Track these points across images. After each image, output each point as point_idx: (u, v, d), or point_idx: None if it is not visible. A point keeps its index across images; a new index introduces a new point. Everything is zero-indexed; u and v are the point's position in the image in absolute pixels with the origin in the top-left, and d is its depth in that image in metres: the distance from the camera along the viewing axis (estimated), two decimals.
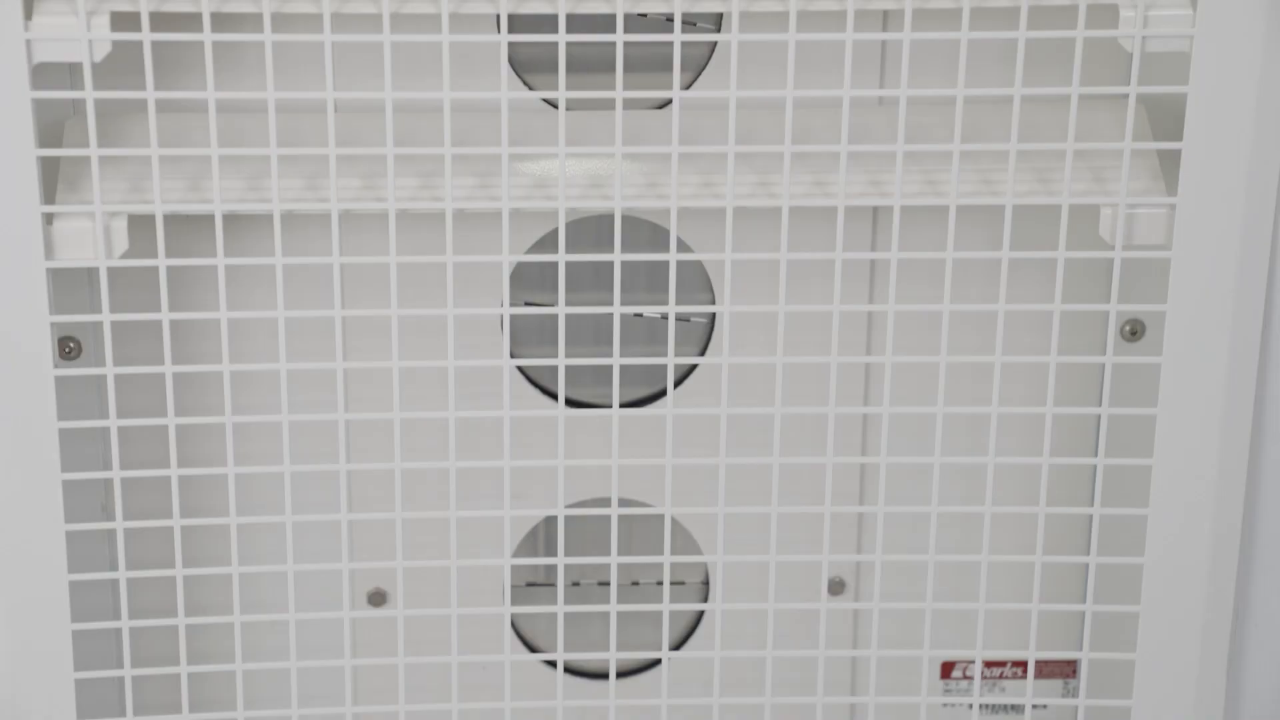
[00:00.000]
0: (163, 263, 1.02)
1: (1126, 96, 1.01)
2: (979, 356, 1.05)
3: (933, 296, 1.05)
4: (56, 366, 1.03)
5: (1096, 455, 1.07)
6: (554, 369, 1.05)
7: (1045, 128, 1.03)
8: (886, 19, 1.07)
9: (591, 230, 1.11)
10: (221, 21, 0.99)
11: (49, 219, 1.01)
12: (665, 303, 1.05)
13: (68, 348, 1.08)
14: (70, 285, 1.05)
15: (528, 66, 1.10)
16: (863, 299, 1.11)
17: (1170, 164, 1.03)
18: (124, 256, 1.02)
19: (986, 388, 1.06)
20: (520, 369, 1.14)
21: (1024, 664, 1.17)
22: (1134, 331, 1.10)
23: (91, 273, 1.05)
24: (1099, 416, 1.06)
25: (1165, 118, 1.05)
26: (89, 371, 1.04)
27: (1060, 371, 1.06)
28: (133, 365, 1.03)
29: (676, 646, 1.18)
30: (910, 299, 1.05)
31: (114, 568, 1.06)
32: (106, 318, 1.02)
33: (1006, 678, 1.18)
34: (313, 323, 1.04)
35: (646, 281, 1.11)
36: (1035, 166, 1.04)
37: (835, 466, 1.07)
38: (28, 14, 0.98)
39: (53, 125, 1.03)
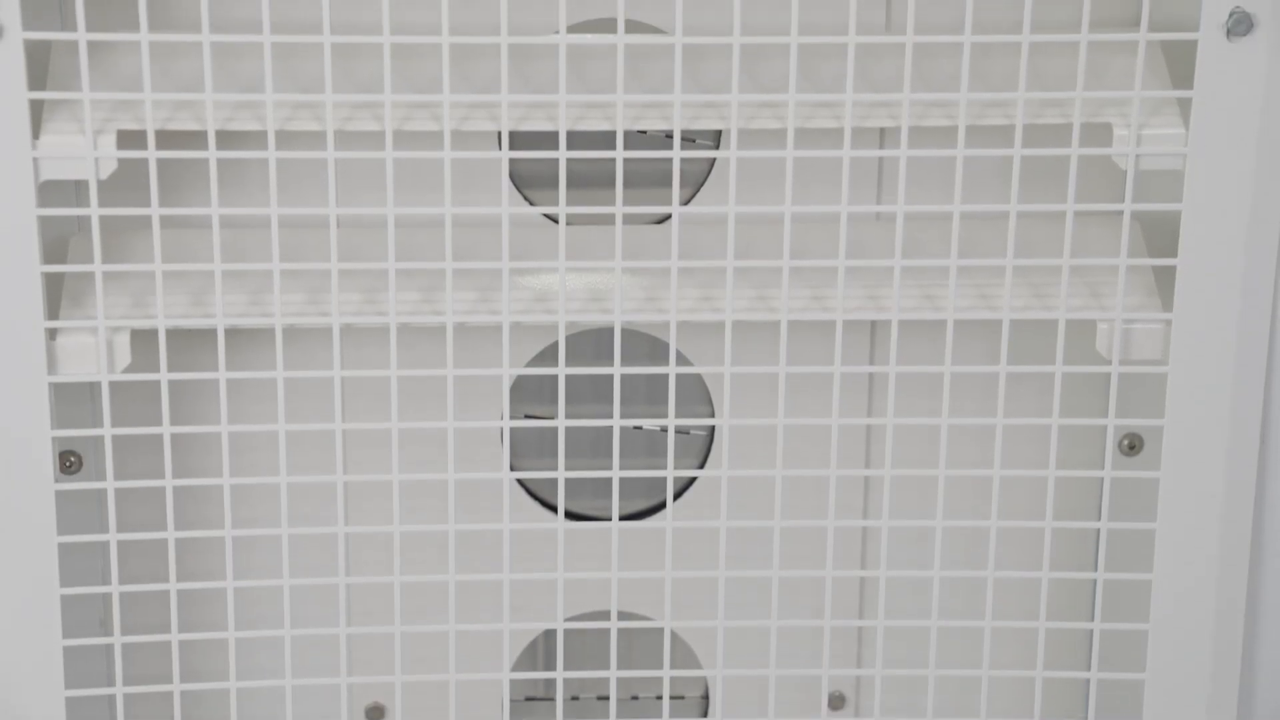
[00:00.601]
0: (164, 377, 1.03)
1: (1121, 213, 1.03)
2: (978, 471, 1.06)
3: (931, 409, 1.06)
4: (57, 481, 1.04)
5: (1096, 570, 1.08)
6: (554, 481, 1.06)
7: (1041, 242, 1.05)
8: (883, 136, 1.09)
9: (591, 343, 1.13)
10: (226, 139, 1.01)
11: (52, 334, 1.02)
12: (665, 415, 1.06)
13: (68, 462, 1.09)
14: (72, 398, 1.07)
15: (529, 182, 1.12)
16: (861, 412, 1.13)
17: (1166, 279, 1.05)
18: (126, 370, 1.03)
19: (986, 500, 1.06)
20: (520, 481, 1.14)
21: None
22: (1132, 446, 1.11)
23: (93, 386, 1.06)
24: (1099, 531, 1.07)
25: (1160, 233, 1.07)
26: (90, 486, 1.05)
27: (1059, 482, 1.06)
28: (133, 478, 1.04)
29: None
30: (909, 412, 1.06)
31: (112, 682, 1.06)
32: (108, 431, 1.03)
33: None
34: (314, 435, 1.05)
35: (646, 394, 1.12)
36: (1032, 281, 1.05)
37: (835, 579, 1.07)
38: (35, 133, 1.00)
39: (57, 241, 1.05)
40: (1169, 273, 1.04)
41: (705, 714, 1.19)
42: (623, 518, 1.09)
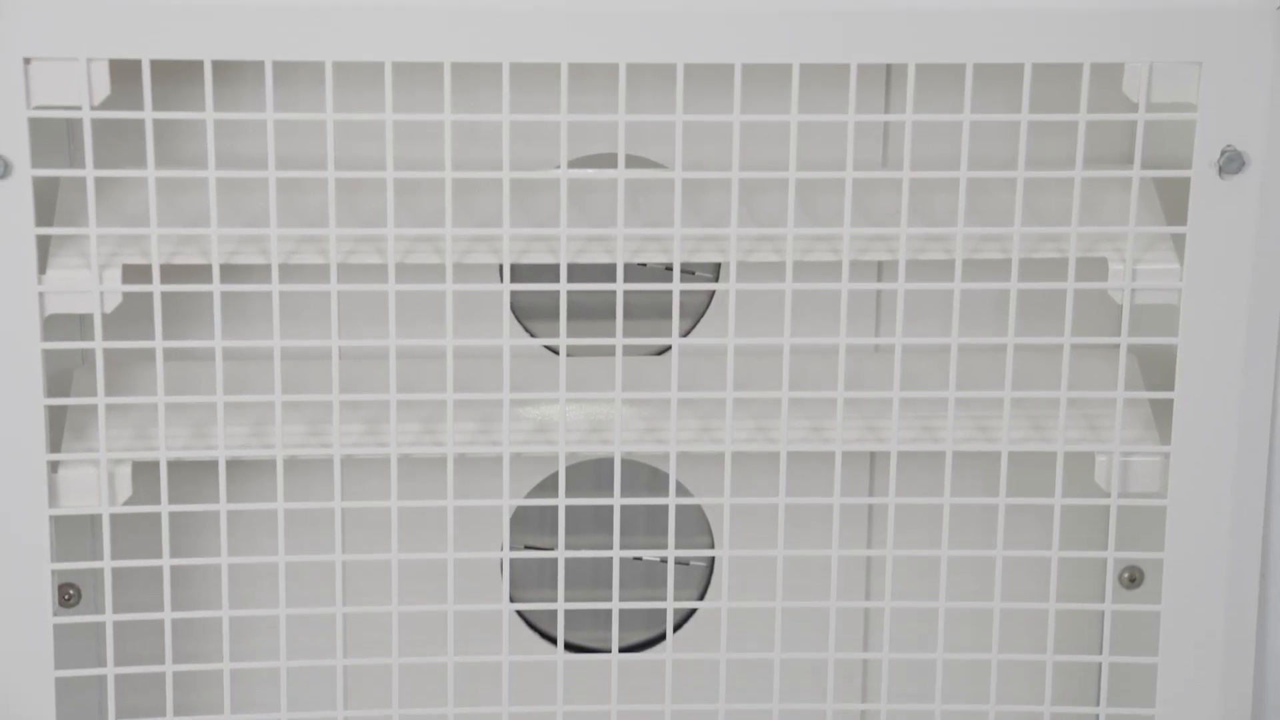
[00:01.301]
0: (165, 509, 1.04)
1: (1118, 346, 1.04)
2: (978, 603, 1.07)
3: (931, 540, 1.07)
4: (55, 614, 1.04)
5: (1099, 703, 1.08)
6: (553, 612, 1.07)
7: (1039, 375, 1.06)
8: (881, 269, 1.10)
9: (591, 472, 1.14)
10: (230, 272, 1.03)
11: (54, 466, 1.04)
12: (665, 546, 1.07)
13: (67, 594, 1.09)
14: (71, 529, 1.08)
15: (530, 313, 1.13)
16: (861, 542, 1.14)
17: (1163, 412, 1.06)
18: (127, 502, 1.04)
19: (987, 631, 1.07)
20: (520, 613, 1.15)
21: None
22: (1132, 578, 1.12)
23: (93, 517, 1.07)
24: (1099, 664, 1.08)
25: (1157, 366, 1.08)
26: (88, 619, 1.05)
27: (1060, 614, 1.07)
28: (132, 606, 1.05)
29: None
30: (908, 542, 1.07)
31: None
32: (107, 564, 1.04)
33: None
34: (313, 566, 1.06)
35: (646, 525, 1.13)
36: (1030, 413, 1.07)
37: (835, 713, 1.08)
38: (41, 267, 1.01)
39: (61, 374, 1.06)
40: (1166, 406, 1.06)
41: None
42: (623, 649, 1.10)
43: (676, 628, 1.15)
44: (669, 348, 1.08)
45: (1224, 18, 1.00)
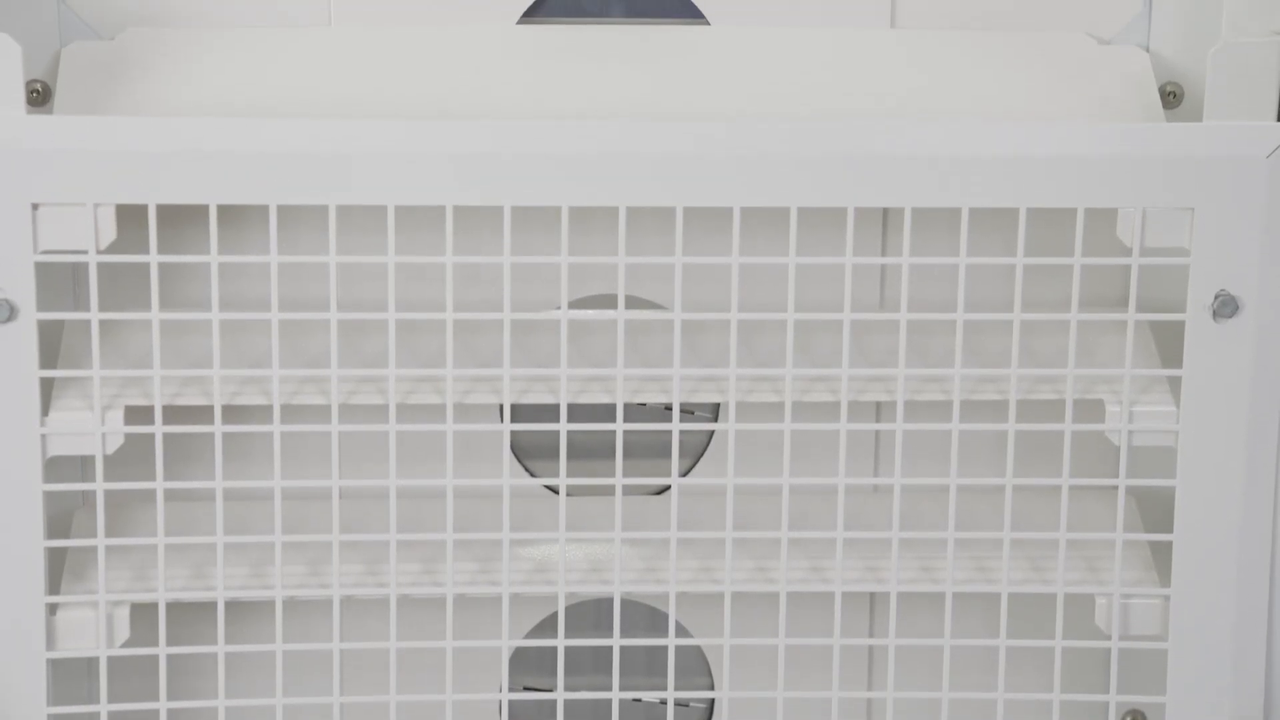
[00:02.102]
0: (163, 651, 1.05)
1: (1116, 487, 1.05)
2: None
3: (932, 682, 1.07)
4: None
5: None
6: None
7: (1038, 516, 1.07)
8: (879, 410, 1.12)
9: (591, 613, 1.14)
10: (231, 413, 1.04)
11: (52, 609, 1.04)
12: (664, 687, 1.07)
13: None
14: (68, 672, 1.08)
15: (530, 452, 1.15)
16: (861, 685, 1.14)
17: (1163, 554, 1.07)
18: (125, 645, 1.05)
19: None
20: None
21: None
22: None
23: (91, 659, 1.08)
24: None
25: (1155, 507, 1.09)
26: None
27: None
28: None
29: None
30: (908, 685, 1.08)
31: None
32: (104, 707, 1.04)
33: None
34: (311, 709, 1.06)
35: (645, 665, 1.14)
36: (1029, 555, 1.08)
37: None
38: (45, 409, 1.03)
39: (61, 515, 1.07)
40: (1166, 548, 1.07)
41: None
42: None
43: None
44: (668, 487, 1.10)
45: (1216, 165, 1.02)
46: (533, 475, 1.15)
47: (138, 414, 1.04)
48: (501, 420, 1.10)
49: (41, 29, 1.07)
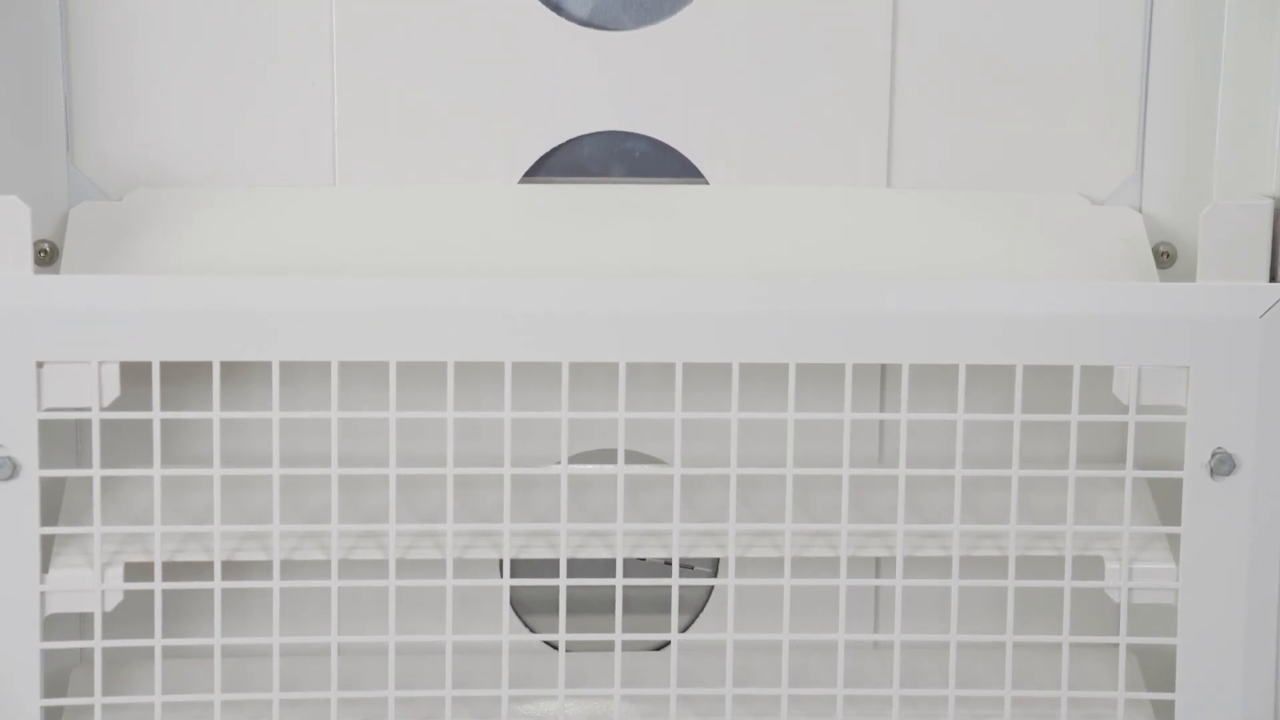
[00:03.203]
0: None
1: (1117, 645, 1.06)
2: None
3: None
4: None
5: None
6: None
7: (1039, 672, 1.08)
8: (879, 565, 1.12)
9: None
10: (231, 568, 1.05)
11: None
12: None
13: None
14: None
15: (529, 607, 1.15)
16: None
17: (1165, 712, 1.07)
18: None
19: None
20: None
21: None
22: None
23: None
24: None
25: (1156, 664, 1.10)
26: None
27: None
28: None
29: None
30: None
31: None
32: None
33: None
34: None
35: None
36: (1031, 711, 1.08)
37: None
38: (44, 566, 1.03)
39: (58, 672, 1.08)
40: (1168, 706, 1.07)
41: None
42: None
43: None
44: (668, 642, 1.10)
45: (1210, 325, 1.03)
46: (532, 631, 1.15)
47: (138, 570, 1.05)
48: (501, 575, 1.10)
49: (51, 190, 1.09)
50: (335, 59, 1.09)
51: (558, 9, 1.10)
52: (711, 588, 1.15)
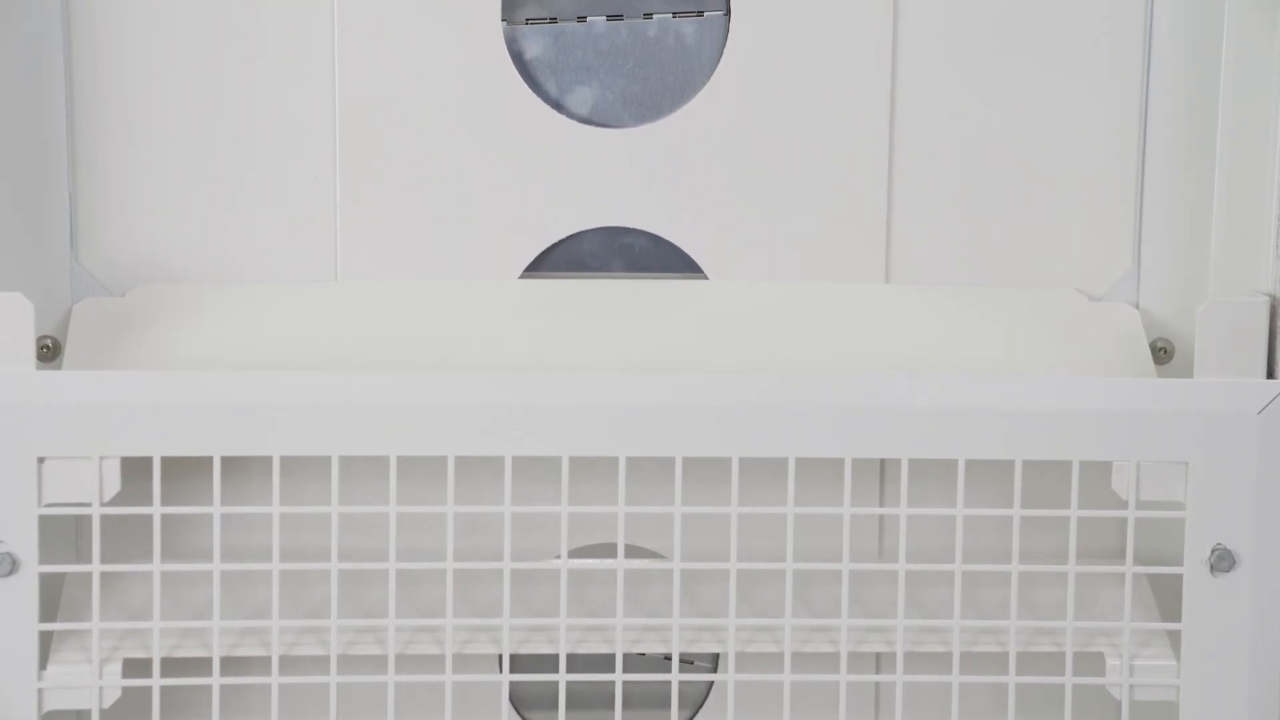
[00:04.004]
0: None
1: None
2: None
3: None
4: None
5: None
6: None
7: None
8: (879, 660, 1.12)
9: None
10: (230, 664, 1.05)
11: None
12: None
13: None
14: None
15: (528, 702, 1.15)
16: None
17: None
18: None
19: None
20: None
21: None
22: None
23: None
24: None
25: None
26: None
27: None
28: None
29: None
30: None
31: None
32: None
33: None
34: None
35: None
36: None
37: None
38: (42, 662, 1.03)
39: None
40: None
41: None
42: None
43: None
44: None
45: (1209, 421, 1.04)
46: None
47: (136, 665, 1.04)
48: (500, 670, 1.10)
49: (55, 286, 1.10)
50: (338, 155, 1.10)
51: (559, 106, 1.11)
52: (711, 683, 1.14)
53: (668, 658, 1.07)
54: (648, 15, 1.11)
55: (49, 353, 1.09)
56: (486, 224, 1.11)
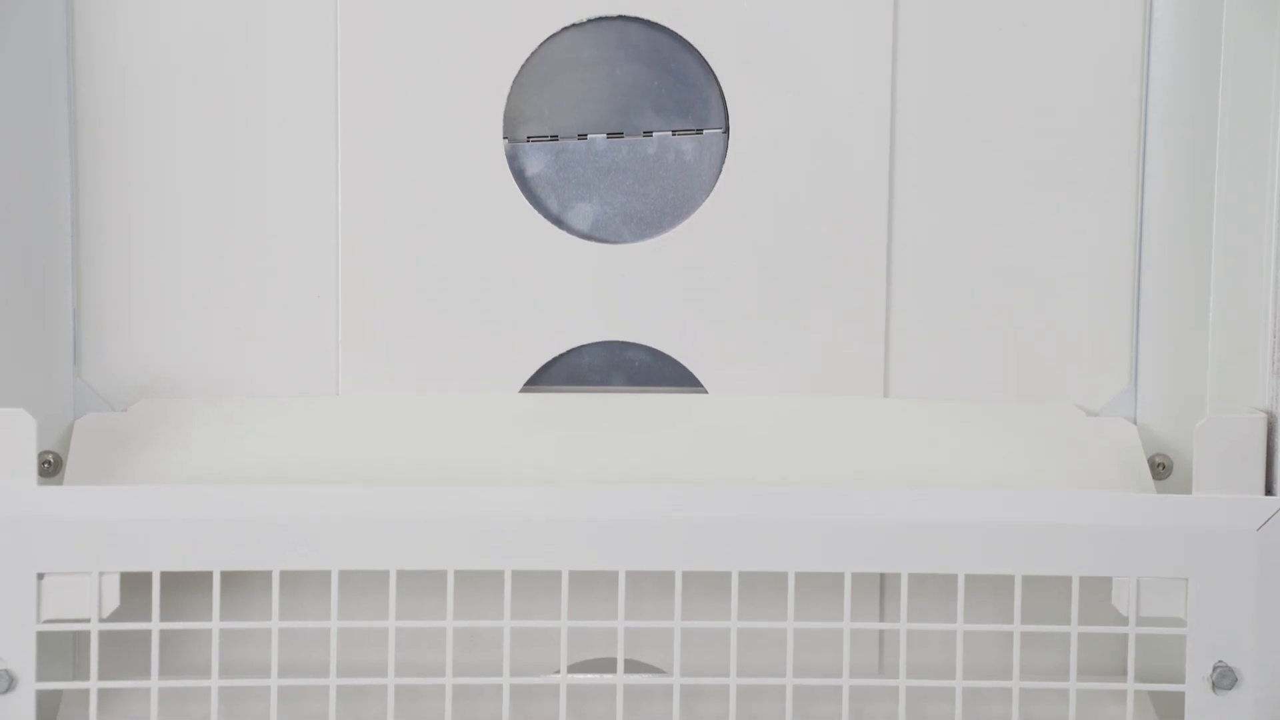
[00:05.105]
0: None
1: None
2: None
3: None
4: None
5: None
6: None
7: None
8: None
9: None
10: None
11: None
12: None
13: None
14: None
15: None
16: None
17: None
18: None
19: None
20: None
21: None
22: None
23: None
24: None
25: None
26: None
27: None
28: None
29: None
30: None
31: None
32: None
33: None
34: None
35: None
36: None
37: None
38: None
39: None
40: None
41: None
42: None
43: None
44: None
45: (1208, 537, 1.03)
46: None
47: None
48: None
49: (57, 401, 1.10)
50: (340, 270, 1.11)
51: (559, 222, 1.12)
52: None
53: None
54: (647, 133, 1.12)
55: (50, 468, 1.09)
56: (488, 338, 1.11)
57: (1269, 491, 1.04)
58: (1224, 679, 1.03)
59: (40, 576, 1.01)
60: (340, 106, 1.10)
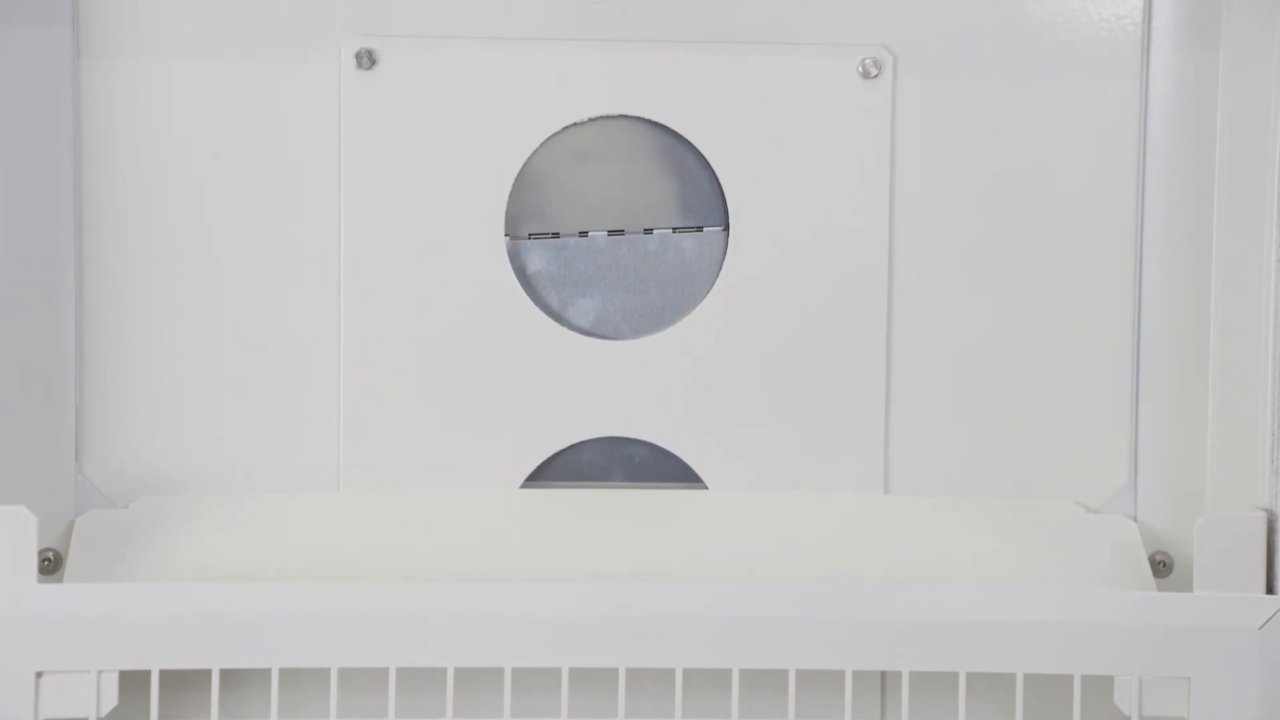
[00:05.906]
0: None
1: None
2: None
3: None
4: None
5: None
6: None
7: None
8: None
9: None
10: None
11: None
12: None
13: None
14: None
15: None
16: None
17: None
18: None
19: None
20: None
21: None
22: None
23: None
24: None
25: None
26: None
27: None
28: None
29: None
30: None
31: None
32: None
33: None
34: None
35: None
36: None
37: None
38: None
39: None
40: None
41: None
42: None
43: None
44: None
45: (1210, 635, 1.03)
46: None
47: None
48: None
49: (58, 499, 1.09)
50: (341, 366, 1.11)
51: (560, 319, 1.12)
52: None
53: None
54: (648, 230, 1.12)
55: (50, 565, 1.09)
56: (488, 434, 1.11)
57: (1270, 590, 1.04)
58: None
59: (39, 675, 1.01)
60: (343, 204, 1.10)
